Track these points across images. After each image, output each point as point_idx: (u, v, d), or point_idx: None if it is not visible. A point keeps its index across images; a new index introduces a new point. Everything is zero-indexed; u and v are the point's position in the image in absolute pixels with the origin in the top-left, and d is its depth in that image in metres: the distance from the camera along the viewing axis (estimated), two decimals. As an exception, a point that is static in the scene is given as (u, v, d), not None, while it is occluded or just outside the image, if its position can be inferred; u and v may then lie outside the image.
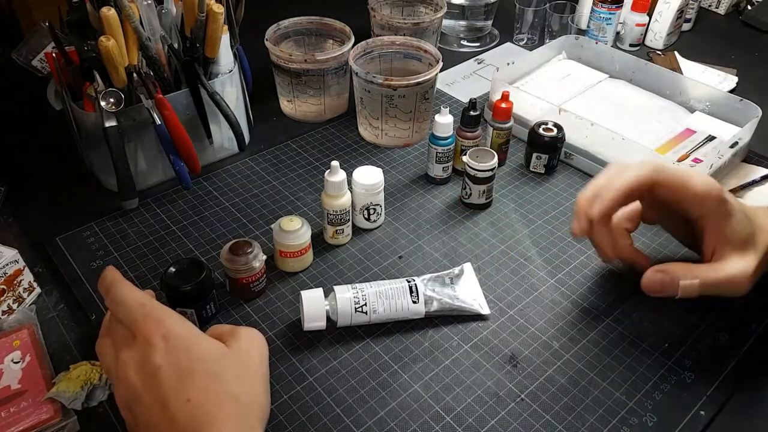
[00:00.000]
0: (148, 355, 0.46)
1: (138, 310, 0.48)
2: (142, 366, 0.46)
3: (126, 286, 0.50)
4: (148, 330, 0.46)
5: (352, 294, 0.69)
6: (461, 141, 0.89)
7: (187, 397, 0.44)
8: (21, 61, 1.02)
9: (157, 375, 0.45)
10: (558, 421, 0.62)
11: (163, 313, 0.48)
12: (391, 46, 1.01)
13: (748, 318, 0.73)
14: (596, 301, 0.75)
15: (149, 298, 0.50)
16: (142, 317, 0.47)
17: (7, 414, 0.59)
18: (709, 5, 1.45)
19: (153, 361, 0.45)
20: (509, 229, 0.85)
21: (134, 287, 0.50)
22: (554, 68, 1.14)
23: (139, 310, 0.48)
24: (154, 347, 0.46)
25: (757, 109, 0.93)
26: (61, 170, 0.94)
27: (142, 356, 0.46)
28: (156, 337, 0.46)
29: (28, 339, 0.66)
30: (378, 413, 0.62)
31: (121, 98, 0.79)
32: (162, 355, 0.45)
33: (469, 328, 0.71)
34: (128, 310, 0.48)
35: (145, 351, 0.46)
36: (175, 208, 0.87)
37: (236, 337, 0.51)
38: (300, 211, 0.86)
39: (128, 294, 0.49)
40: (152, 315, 0.47)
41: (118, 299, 0.49)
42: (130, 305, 0.48)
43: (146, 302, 0.48)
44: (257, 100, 1.04)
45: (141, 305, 0.48)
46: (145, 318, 0.47)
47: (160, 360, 0.45)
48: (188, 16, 0.83)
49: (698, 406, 0.64)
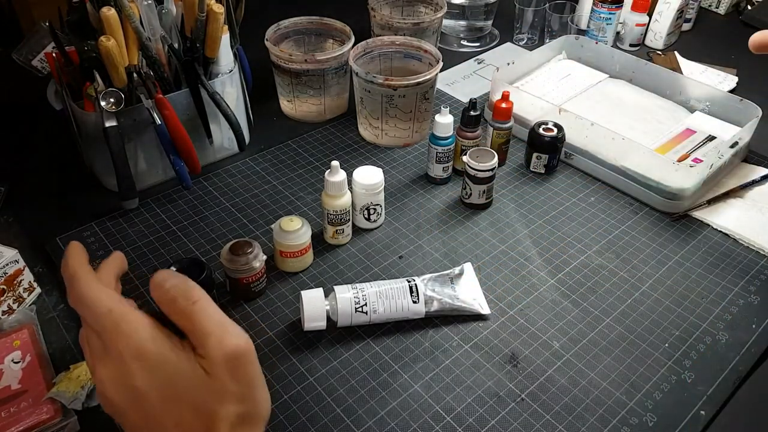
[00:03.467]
0: (125, 375, 0.40)
1: (105, 318, 0.41)
2: (121, 387, 0.41)
3: (89, 281, 0.43)
4: (119, 346, 0.40)
5: (352, 294, 0.69)
6: (461, 141, 0.89)
7: (174, 422, 0.40)
8: (21, 61, 1.02)
9: (138, 397, 0.40)
10: (558, 421, 0.62)
11: (133, 324, 0.41)
12: (391, 46, 1.01)
13: (748, 318, 0.73)
14: (596, 301, 0.75)
15: (116, 299, 0.42)
16: (111, 327, 0.41)
17: (7, 414, 0.59)
18: (709, 5, 1.45)
19: (131, 383, 0.40)
20: (509, 229, 0.85)
21: (98, 284, 0.43)
22: (554, 68, 1.14)
23: (107, 319, 0.41)
24: (128, 367, 0.40)
25: (757, 109, 0.93)
26: (61, 170, 0.94)
27: (118, 376, 0.41)
28: (128, 356, 0.40)
29: (28, 339, 0.66)
30: (378, 413, 0.62)
31: (121, 98, 0.79)
32: (139, 377, 0.40)
33: (469, 328, 0.71)
34: (95, 315, 0.41)
35: (121, 370, 0.40)
36: (175, 208, 0.87)
37: (215, 356, 0.42)
38: (300, 211, 0.86)
39: (92, 294, 0.42)
40: (121, 328, 0.41)
41: (82, 299, 0.42)
42: (96, 310, 0.41)
43: (113, 306, 0.42)
44: (257, 100, 1.04)
45: (108, 312, 0.41)
46: (114, 330, 0.41)
47: (137, 383, 0.40)
48: (188, 16, 0.83)
49: (698, 406, 0.64)
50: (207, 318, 0.41)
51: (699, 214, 0.87)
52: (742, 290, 0.77)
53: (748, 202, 0.89)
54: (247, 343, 0.41)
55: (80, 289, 0.42)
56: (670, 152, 0.93)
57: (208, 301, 0.42)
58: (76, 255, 0.44)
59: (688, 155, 0.93)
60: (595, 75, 1.12)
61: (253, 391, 0.42)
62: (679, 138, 0.96)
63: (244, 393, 0.41)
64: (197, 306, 0.41)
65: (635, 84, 1.09)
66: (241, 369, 0.41)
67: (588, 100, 1.06)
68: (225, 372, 0.41)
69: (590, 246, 0.82)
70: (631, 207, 0.89)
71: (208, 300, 0.42)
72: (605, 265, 0.80)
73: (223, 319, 0.41)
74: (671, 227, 0.86)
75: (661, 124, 0.99)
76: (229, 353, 0.40)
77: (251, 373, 0.42)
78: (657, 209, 0.88)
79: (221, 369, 0.41)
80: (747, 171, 0.94)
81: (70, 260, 0.44)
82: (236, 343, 0.41)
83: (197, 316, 0.41)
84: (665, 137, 0.96)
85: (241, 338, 0.41)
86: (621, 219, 0.87)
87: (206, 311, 0.41)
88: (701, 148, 0.94)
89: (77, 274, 0.43)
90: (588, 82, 1.10)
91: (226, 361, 0.41)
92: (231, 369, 0.41)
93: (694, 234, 0.85)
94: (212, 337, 0.41)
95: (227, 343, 0.41)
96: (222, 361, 0.41)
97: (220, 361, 0.40)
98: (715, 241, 0.83)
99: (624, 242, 0.83)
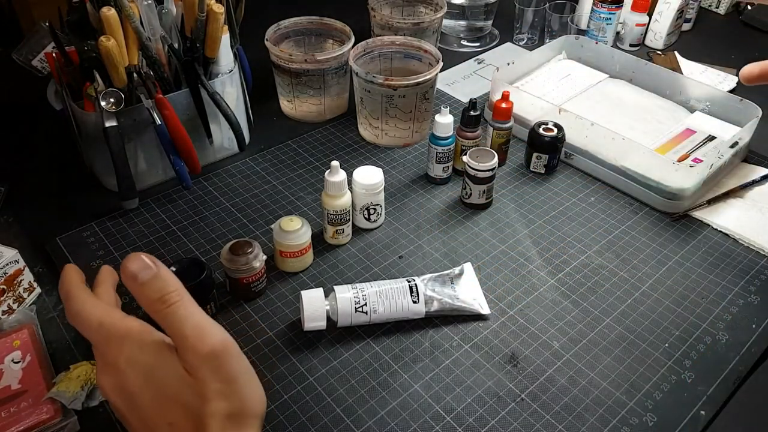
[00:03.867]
0: (120, 381, 0.43)
1: (97, 331, 0.43)
2: (119, 392, 0.43)
3: (82, 298, 0.45)
4: (112, 355, 0.43)
5: (352, 294, 0.69)
6: (461, 141, 0.89)
7: (168, 422, 0.42)
8: (21, 61, 1.02)
9: (135, 402, 0.43)
10: (558, 421, 0.62)
11: (123, 333, 0.43)
12: (391, 46, 1.01)
13: (748, 318, 0.73)
14: (596, 301, 0.75)
15: (106, 312, 0.44)
16: (103, 340, 0.43)
17: (7, 414, 0.59)
18: (709, 5, 1.45)
19: (126, 388, 0.43)
20: (509, 229, 0.85)
21: (90, 299, 0.45)
22: (554, 68, 1.14)
23: (99, 332, 0.43)
24: (123, 374, 0.43)
25: (757, 109, 0.93)
26: (61, 170, 0.94)
27: (115, 382, 0.43)
28: (121, 363, 0.43)
29: (29, 339, 0.66)
30: (378, 413, 0.62)
31: (121, 98, 0.79)
32: (132, 382, 0.42)
33: (469, 328, 0.71)
34: (88, 330, 0.44)
35: (116, 377, 0.43)
36: (175, 208, 0.87)
37: (197, 362, 0.43)
38: (300, 211, 0.86)
39: (85, 310, 0.44)
40: (112, 338, 0.43)
41: (76, 316, 0.44)
42: (88, 325, 0.44)
43: (104, 320, 0.44)
44: (257, 100, 1.04)
45: (99, 326, 0.43)
46: (106, 341, 0.43)
47: (132, 387, 0.42)
48: (188, 16, 0.83)
49: (698, 406, 0.64)
50: (181, 321, 0.42)
51: (699, 214, 0.87)
52: (742, 290, 0.77)
53: (748, 202, 0.89)
54: (223, 342, 0.42)
55: (73, 307, 0.44)
56: (670, 152, 0.93)
57: (183, 303, 0.42)
58: (70, 276, 0.46)
59: (688, 155, 0.93)
60: (595, 75, 1.12)
61: (238, 387, 0.43)
62: (679, 138, 0.96)
63: (228, 390, 0.42)
64: (171, 310, 0.42)
65: (635, 84, 1.09)
66: (223, 367, 0.42)
67: (588, 100, 1.06)
68: (206, 372, 0.42)
69: (590, 246, 0.82)
70: (631, 207, 0.89)
71: (184, 300, 0.42)
72: (605, 265, 0.80)
73: (199, 320, 0.42)
74: (671, 227, 0.86)
75: (661, 124, 0.99)
76: (207, 353, 0.41)
77: (234, 370, 0.43)
78: (657, 209, 0.88)
79: (202, 370, 0.42)
80: (747, 171, 0.94)
81: (65, 281, 0.46)
82: (212, 343, 0.42)
83: (171, 320, 0.42)
84: (665, 137, 0.96)
85: (217, 337, 0.42)
86: (621, 219, 0.87)
87: (179, 314, 0.42)
88: (701, 148, 0.94)
89: (70, 293, 0.45)
90: (588, 82, 1.10)
91: (205, 362, 0.42)
92: (212, 369, 0.42)
93: (694, 234, 0.85)
94: (188, 340, 0.42)
95: (204, 344, 0.42)
96: (201, 363, 0.42)
97: (199, 362, 0.42)
98: (715, 241, 0.83)
99: (624, 242, 0.83)
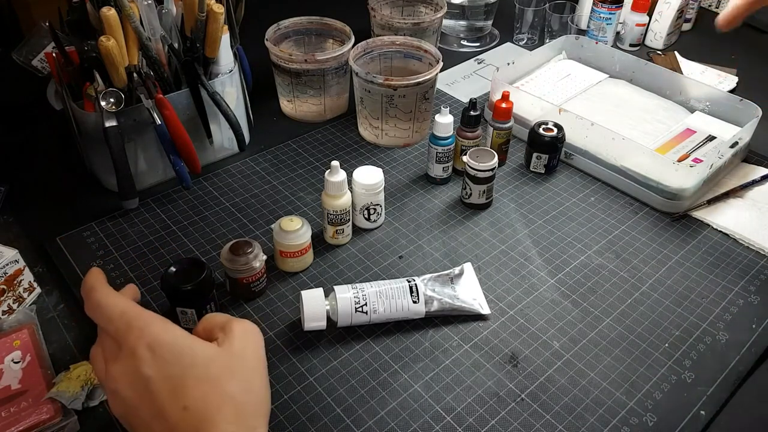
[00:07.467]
0: (137, 367, 0.44)
1: (119, 319, 0.45)
2: (133, 379, 0.44)
3: (105, 291, 0.47)
4: (132, 341, 0.44)
5: (352, 294, 0.69)
6: (461, 141, 0.89)
7: (183, 406, 0.43)
8: (21, 61, 1.02)
9: (150, 387, 0.43)
10: (558, 421, 0.62)
11: (146, 320, 0.46)
12: (391, 46, 1.01)
13: (748, 318, 0.73)
14: (596, 301, 0.75)
15: (130, 304, 0.47)
16: (124, 327, 0.45)
17: (7, 414, 0.59)
18: (709, 5, 1.45)
19: (142, 374, 0.43)
20: (509, 229, 0.85)
21: (113, 293, 0.47)
22: (554, 68, 1.14)
23: (121, 319, 0.45)
24: (140, 359, 0.44)
25: (757, 109, 0.93)
26: (61, 170, 0.94)
27: (130, 369, 0.44)
28: (141, 348, 0.44)
29: (28, 339, 0.66)
30: (378, 413, 0.62)
31: (121, 98, 0.79)
32: (150, 366, 0.43)
33: (469, 328, 0.71)
34: (109, 319, 0.46)
35: (133, 363, 0.44)
36: (175, 208, 0.87)
37: (229, 333, 0.48)
38: (300, 211, 0.86)
39: (108, 301, 0.46)
40: (134, 324, 0.45)
41: (97, 307, 0.46)
42: (110, 314, 0.46)
43: (127, 309, 0.46)
44: (257, 100, 1.04)
45: (121, 314, 0.45)
46: (128, 327, 0.45)
47: (149, 371, 0.43)
48: (188, 16, 0.83)
49: (698, 406, 0.64)
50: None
51: (699, 214, 0.87)
52: (742, 290, 0.77)
53: (748, 202, 0.89)
54: (254, 330, 0.51)
55: (96, 298, 0.47)
56: (670, 152, 0.93)
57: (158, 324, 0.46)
58: (96, 275, 0.49)
59: (688, 155, 0.93)
60: (595, 75, 1.12)
61: (257, 378, 0.48)
62: (679, 138, 0.96)
63: (247, 379, 0.46)
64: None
65: (635, 84, 1.09)
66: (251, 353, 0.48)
67: (588, 100, 1.06)
68: (235, 352, 0.47)
69: (590, 246, 0.82)
70: (631, 207, 0.89)
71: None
72: (605, 265, 0.80)
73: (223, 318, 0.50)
74: (671, 227, 0.86)
75: (661, 124, 0.99)
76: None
77: (258, 360, 0.49)
78: (657, 209, 0.88)
79: (232, 348, 0.47)
80: (747, 171, 0.94)
81: (90, 278, 0.49)
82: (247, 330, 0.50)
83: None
84: (665, 137, 0.96)
85: (247, 324, 0.50)
86: (621, 219, 0.87)
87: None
88: (701, 148, 0.94)
89: (94, 286, 0.47)
90: (588, 82, 1.10)
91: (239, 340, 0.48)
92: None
93: (694, 234, 0.85)
94: (235, 324, 0.49)
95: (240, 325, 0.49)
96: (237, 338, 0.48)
97: (237, 341, 0.48)
98: (715, 241, 0.83)
99: (624, 242, 0.83)
